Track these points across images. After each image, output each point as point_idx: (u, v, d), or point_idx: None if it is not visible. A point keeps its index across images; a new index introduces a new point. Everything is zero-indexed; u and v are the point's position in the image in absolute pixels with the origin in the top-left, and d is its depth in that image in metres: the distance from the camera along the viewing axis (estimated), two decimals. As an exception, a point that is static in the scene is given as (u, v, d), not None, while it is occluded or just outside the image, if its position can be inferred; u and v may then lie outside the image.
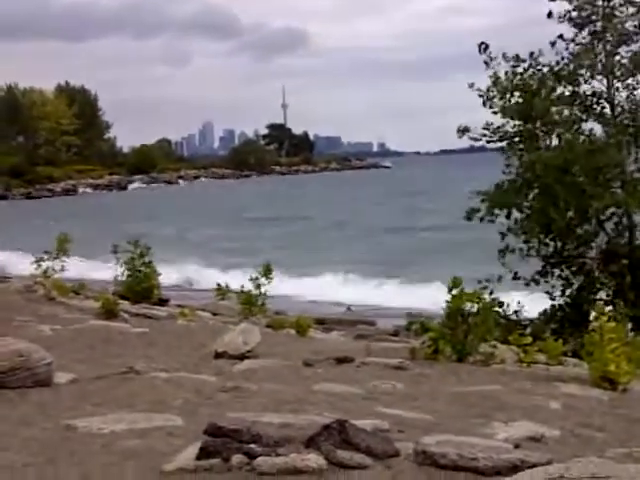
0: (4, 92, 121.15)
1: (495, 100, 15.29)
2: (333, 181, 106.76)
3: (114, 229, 38.83)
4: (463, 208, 15.91)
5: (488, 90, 15.32)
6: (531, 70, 15.32)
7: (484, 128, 15.56)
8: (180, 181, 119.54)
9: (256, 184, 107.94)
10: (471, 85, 15.48)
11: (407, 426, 5.18)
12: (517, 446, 4.78)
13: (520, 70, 15.33)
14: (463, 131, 15.86)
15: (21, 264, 29.94)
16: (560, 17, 15.63)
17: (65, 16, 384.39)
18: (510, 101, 15.28)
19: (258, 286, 13.83)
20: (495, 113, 15.41)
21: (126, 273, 15.33)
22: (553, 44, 15.48)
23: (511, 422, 5.47)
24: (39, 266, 14.48)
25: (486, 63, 15.33)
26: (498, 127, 15.51)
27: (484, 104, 15.37)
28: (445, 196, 58.85)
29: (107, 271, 19.96)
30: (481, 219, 15.44)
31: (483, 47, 15.35)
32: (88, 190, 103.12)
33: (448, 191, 62.33)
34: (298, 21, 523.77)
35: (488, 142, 15.82)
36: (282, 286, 20.18)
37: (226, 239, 43.55)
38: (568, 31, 15.70)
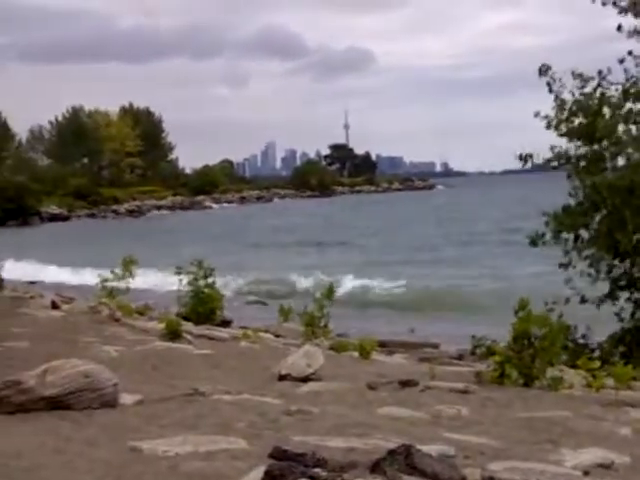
0: (69, 114, 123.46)
1: (561, 125, 15.07)
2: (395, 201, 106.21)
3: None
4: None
5: (555, 115, 15.10)
6: (599, 90, 15.06)
7: (550, 153, 15.33)
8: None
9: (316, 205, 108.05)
10: (537, 114, 15.24)
11: (473, 452, 5.11)
12: (586, 473, 4.70)
13: (587, 90, 15.08)
14: (525, 159, 15.65)
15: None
16: (630, 32, 15.36)
17: (127, 38, 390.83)
18: (574, 122, 15.06)
19: (321, 308, 13.80)
20: (561, 136, 15.19)
21: (189, 294, 15.43)
22: (622, 61, 15.21)
23: (580, 448, 5.37)
24: (104, 287, 14.65)
25: (549, 85, 15.13)
26: (563, 151, 15.29)
27: (548, 128, 15.15)
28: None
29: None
30: (544, 243, 15.22)
31: (544, 69, 15.15)
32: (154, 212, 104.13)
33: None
34: (361, 41, 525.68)
35: (553, 168, 15.58)
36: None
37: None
38: (638, 47, 15.41)
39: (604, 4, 15.12)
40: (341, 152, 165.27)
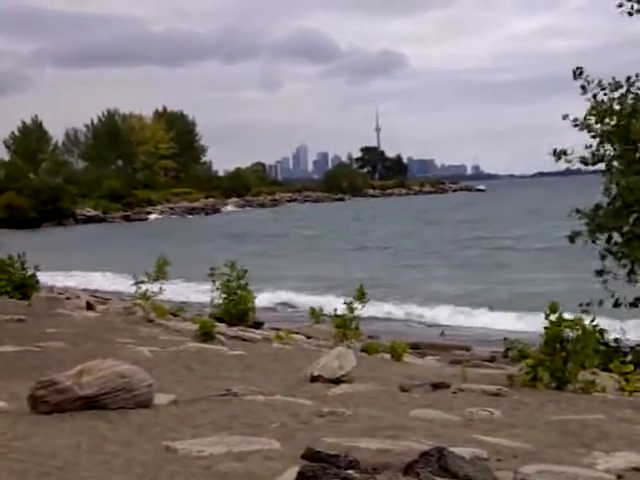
0: (104, 117, 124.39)
1: (593, 124, 15.00)
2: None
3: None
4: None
5: (585, 117, 15.02)
6: (630, 95, 14.99)
7: (584, 149, 15.25)
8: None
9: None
10: (565, 116, 15.21)
11: (506, 454, 5.11)
12: (620, 477, 4.68)
13: (617, 95, 15.00)
14: (559, 155, 15.57)
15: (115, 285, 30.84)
16: None
17: (162, 42, 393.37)
18: (609, 124, 14.97)
19: (352, 310, 13.80)
20: (594, 137, 15.12)
21: (222, 296, 15.50)
22: None
23: (613, 452, 5.35)
24: (139, 288, 14.76)
25: (583, 88, 15.06)
26: (596, 150, 15.20)
27: (581, 130, 15.08)
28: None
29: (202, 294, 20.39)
30: (586, 241, 15.17)
31: (578, 72, 15.08)
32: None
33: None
34: (394, 44, 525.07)
35: (586, 165, 15.50)
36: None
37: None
38: None
39: (630, 14, 15.09)
40: (372, 155, 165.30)
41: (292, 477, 4.14)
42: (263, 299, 25.45)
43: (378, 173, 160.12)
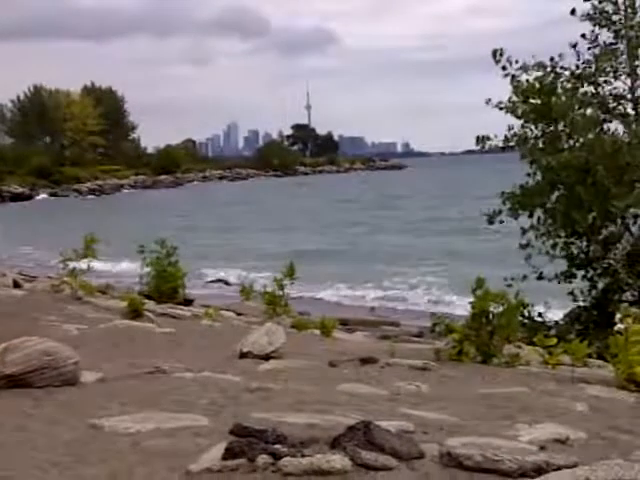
0: (31, 93, 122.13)
1: (517, 106, 15.15)
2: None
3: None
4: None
5: (510, 100, 15.17)
6: (552, 75, 15.17)
7: (506, 133, 15.42)
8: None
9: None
10: (488, 101, 15.34)
11: (432, 427, 5.17)
12: (542, 448, 4.76)
13: (539, 74, 15.17)
14: (483, 140, 15.71)
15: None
16: (582, 15, 15.48)
17: (90, 17, 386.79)
18: (530, 104, 15.12)
19: (281, 287, 13.83)
20: (518, 118, 15.28)
21: (151, 273, 15.38)
22: (574, 46, 15.32)
23: (536, 424, 5.45)
24: (66, 265, 14.57)
25: (504, 68, 15.18)
26: (520, 132, 15.37)
27: (506, 112, 15.23)
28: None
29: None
30: (501, 222, 15.39)
31: (499, 53, 15.17)
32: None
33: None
34: (325, 21, 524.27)
35: (511, 147, 15.66)
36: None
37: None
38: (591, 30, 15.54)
39: None
40: (303, 132, 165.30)
41: (220, 452, 4.15)
42: (193, 276, 25.39)
43: (309, 151, 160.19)
